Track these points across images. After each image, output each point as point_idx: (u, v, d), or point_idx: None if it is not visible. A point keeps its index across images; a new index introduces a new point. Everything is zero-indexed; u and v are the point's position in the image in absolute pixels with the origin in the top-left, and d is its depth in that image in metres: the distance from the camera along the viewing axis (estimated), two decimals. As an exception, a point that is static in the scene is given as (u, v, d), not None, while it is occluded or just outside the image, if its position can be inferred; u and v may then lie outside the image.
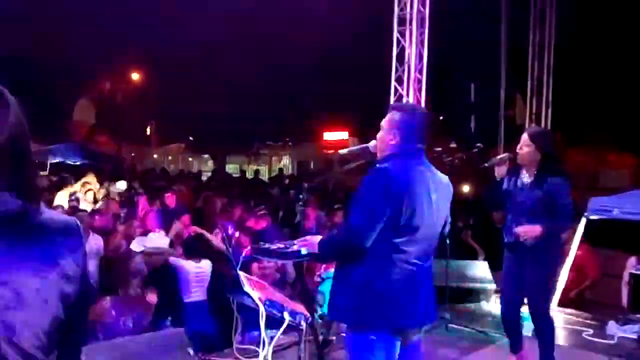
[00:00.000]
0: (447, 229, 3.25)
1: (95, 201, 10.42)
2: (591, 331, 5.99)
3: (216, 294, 6.44)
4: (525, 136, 4.57)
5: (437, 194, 3.00)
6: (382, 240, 2.86)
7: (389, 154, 3.06)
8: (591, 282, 7.39)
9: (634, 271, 6.41)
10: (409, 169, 2.94)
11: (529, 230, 4.44)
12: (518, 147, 4.61)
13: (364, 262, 2.88)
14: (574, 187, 4.67)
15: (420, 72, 8.48)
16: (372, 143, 3.33)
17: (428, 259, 3.05)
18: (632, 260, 6.85)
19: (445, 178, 3.20)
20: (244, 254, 3.99)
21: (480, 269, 7.50)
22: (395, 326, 2.91)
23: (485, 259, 8.00)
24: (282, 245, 3.45)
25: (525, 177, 4.59)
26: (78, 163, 19.95)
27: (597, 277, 7.37)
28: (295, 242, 3.37)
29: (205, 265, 6.41)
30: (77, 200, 9.83)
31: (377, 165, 3.02)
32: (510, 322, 4.77)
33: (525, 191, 4.55)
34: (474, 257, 8.27)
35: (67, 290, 1.40)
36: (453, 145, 16.11)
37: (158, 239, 7.08)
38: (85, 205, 9.69)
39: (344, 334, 3.14)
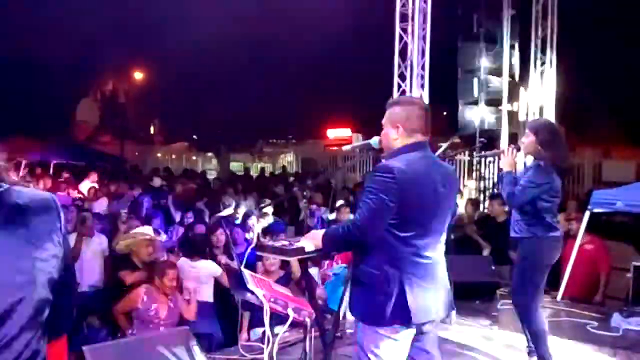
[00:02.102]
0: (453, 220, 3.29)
1: None
2: (596, 324, 5.99)
3: (221, 292, 6.47)
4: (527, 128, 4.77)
5: (444, 186, 3.02)
6: (392, 236, 2.90)
7: (396, 149, 3.09)
8: (606, 278, 7.32)
9: (636, 263, 6.39)
10: (416, 164, 2.96)
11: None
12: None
13: (376, 258, 2.93)
14: (577, 180, 4.76)
15: (423, 67, 8.48)
16: (375, 139, 3.36)
17: (440, 252, 3.10)
18: (630, 250, 6.83)
19: (451, 169, 3.26)
20: (248, 252, 3.99)
21: (484, 264, 7.49)
22: (407, 321, 2.92)
23: (490, 254, 8.00)
24: (286, 242, 3.47)
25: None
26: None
27: (609, 271, 7.31)
28: (300, 239, 3.39)
29: (202, 265, 6.40)
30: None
31: (384, 161, 3.05)
32: None
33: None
34: (479, 252, 8.26)
35: (51, 270, 1.40)
36: (457, 139, 16.08)
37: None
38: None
39: (350, 330, 3.16)
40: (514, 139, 10.31)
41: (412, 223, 2.92)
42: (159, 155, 30.72)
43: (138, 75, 28.53)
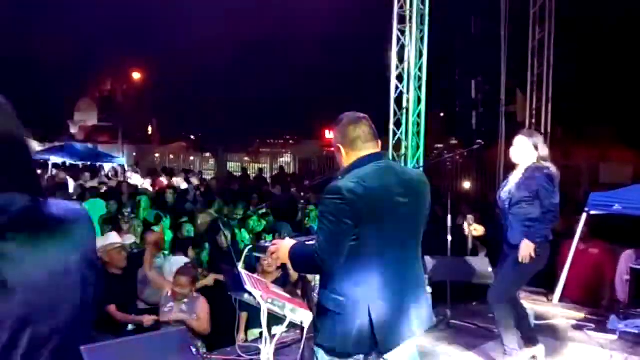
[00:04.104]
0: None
1: None
2: (593, 326, 6.00)
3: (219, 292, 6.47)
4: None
5: (406, 196, 2.86)
6: (354, 258, 2.74)
7: (346, 167, 2.95)
8: (611, 281, 7.28)
9: (634, 265, 6.40)
10: (369, 178, 2.79)
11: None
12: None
13: (340, 283, 2.79)
14: (575, 182, 4.78)
15: (421, 69, 8.48)
16: None
17: (411, 266, 2.94)
18: (629, 253, 6.82)
19: (416, 174, 3.09)
20: (246, 251, 3.99)
21: (481, 265, 7.49)
22: (373, 350, 2.81)
23: (486, 255, 8.00)
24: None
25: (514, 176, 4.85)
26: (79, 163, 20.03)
27: (614, 276, 7.27)
28: (267, 243, 3.35)
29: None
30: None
31: (334, 181, 2.86)
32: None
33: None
34: (475, 254, 8.27)
35: (88, 275, 1.41)
36: (454, 141, 16.10)
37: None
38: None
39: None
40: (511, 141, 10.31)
41: (373, 241, 2.76)
42: (156, 155, 30.70)
43: (136, 76, 28.50)
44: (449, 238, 6.53)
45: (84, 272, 1.40)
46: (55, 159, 19.15)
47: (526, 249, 4.61)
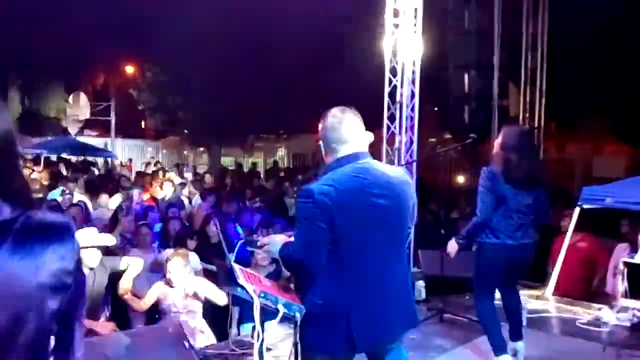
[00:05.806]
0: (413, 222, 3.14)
1: None
2: (585, 319, 6.02)
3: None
4: None
5: (385, 196, 2.83)
6: (331, 260, 2.73)
7: (325, 167, 2.95)
8: (602, 275, 7.30)
9: (626, 259, 6.42)
10: (344, 179, 2.77)
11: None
12: None
13: (318, 286, 2.79)
14: (569, 176, 4.76)
15: (414, 63, 8.46)
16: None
17: (393, 267, 2.91)
18: (623, 246, 6.84)
19: (395, 173, 3.01)
20: (238, 246, 3.99)
21: (474, 259, 7.50)
22: (352, 351, 2.82)
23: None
24: (276, 238, 3.44)
25: None
26: (72, 157, 19.97)
27: (606, 269, 7.28)
28: (259, 237, 3.36)
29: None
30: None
31: (309, 183, 2.88)
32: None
33: None
34: (469, 247, 8.28)
35: (52, 300, 1.35)
36: (447, 136, 16.09)
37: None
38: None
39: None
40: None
41: (351, 243, 2.74)
42: (150, 149, 30.57)
43: (129, 70, 28.32)
44: (443, 231, 6.54)
45: (46, 298, 1.34)
46: (47, 152, 19.05)
47: (449, 245, 4.91)
